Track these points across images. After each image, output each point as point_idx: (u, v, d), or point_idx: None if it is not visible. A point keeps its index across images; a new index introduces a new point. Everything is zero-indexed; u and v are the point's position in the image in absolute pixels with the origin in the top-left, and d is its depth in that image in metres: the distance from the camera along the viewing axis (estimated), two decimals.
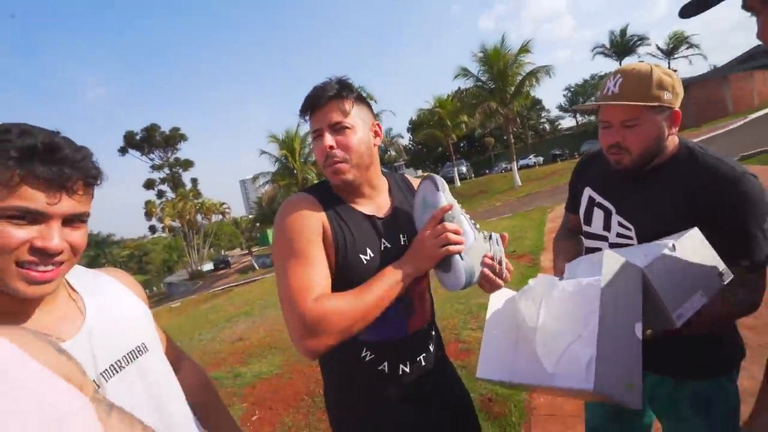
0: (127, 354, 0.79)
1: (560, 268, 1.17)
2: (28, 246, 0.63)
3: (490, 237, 1.01)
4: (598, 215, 1.17)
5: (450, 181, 25.84)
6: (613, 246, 1.11)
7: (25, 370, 0.37)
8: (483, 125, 23.39)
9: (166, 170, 40.15)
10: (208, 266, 36.66)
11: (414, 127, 37.69)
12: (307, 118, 1.00)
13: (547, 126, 52.91)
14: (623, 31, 33.63)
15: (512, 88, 19.88)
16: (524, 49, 19.42)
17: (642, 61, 1.14)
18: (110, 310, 0.81)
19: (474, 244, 0.96)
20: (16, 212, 0.61)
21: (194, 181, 40.88)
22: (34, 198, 0.62)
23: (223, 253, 46.17)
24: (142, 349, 0.82)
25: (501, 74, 19.55)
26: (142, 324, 0.86)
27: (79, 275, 0.83)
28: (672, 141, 1.05)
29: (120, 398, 0.75)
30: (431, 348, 1.07)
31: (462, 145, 43.84)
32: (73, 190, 0.67)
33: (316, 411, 2.86)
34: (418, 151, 44.55)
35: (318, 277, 0.88)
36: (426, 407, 1.03)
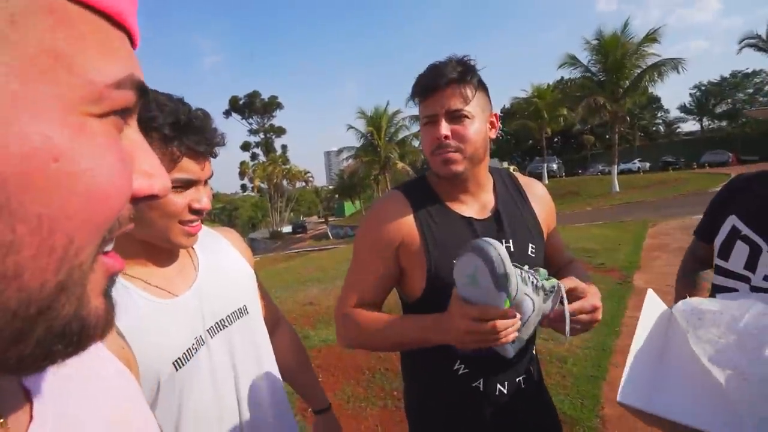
0: (231, 314, 0.83)
1: None
2: (188, 208, 0.73)
3: (554, 290, 0.79)
4: (740, 250, 1.00)
5: (538, 177, 24.22)
6: (755, 290, 0.95)
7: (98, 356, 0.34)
8: (584, 121, 21.34)
9: (261, 135, 43.53)
10: (287, 229, 39.40)
11: (506, 116, 35.79)
12: (418, 100, 0.91)
13: (661, 128, 46.42)
14: None
15: (627, 82, 17.65)
16: (650, 37, 16.98)
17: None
18: (219, 270, 0.86)
19: (531, 317, 0.75)
20: (179, 184, 0.71)
21: (284, 147, 43.79)
22: (191, 169, 0.72)
23: (301, 218, 49.19)
24: (243, 311, 0.86)
25: (616, 65, 17.40)
26: (245, 286, 0.90)
27: (207, 238, 0.89)
28: None
29: (224, 355, 0.80)
30: (532, 370, 0.98)
31: (556, 140, 40.69)
32: (211, 157, 0.77)
33: (375, 387, 2.94)
34: (506, 142, 42.39)
35: (368, 288, 0.94)
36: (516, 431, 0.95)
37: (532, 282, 0.75)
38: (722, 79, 39.38)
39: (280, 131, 43.82)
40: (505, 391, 0.93)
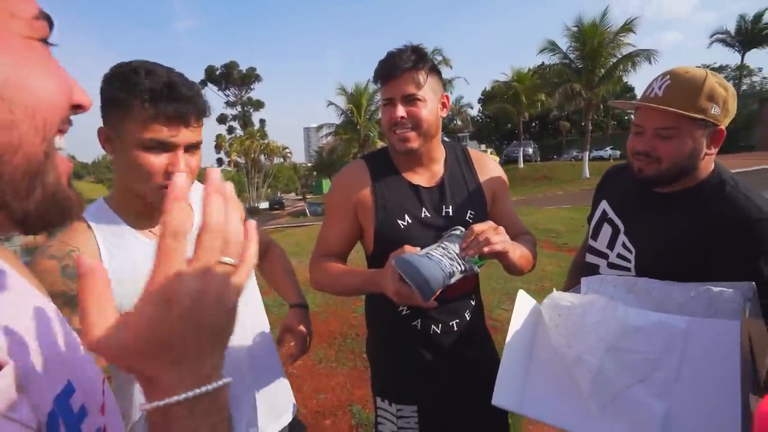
0: None
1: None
2: (164, 171, 0.79)
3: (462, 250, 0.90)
4: (606, 231, 1.11)
5: (514, 161, 24.72)
6: (611, 266, 1.06)
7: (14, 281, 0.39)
8: (561, 107, 21.77)
9: (239, 108, 42.14)
10: (264, 205, 38.76)
11: (486, 98, 35.94)
12: (379, 84, 1.04)
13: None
14: (758, 16, 28.59)
15: (602, 71, 18.08)
16: (627, 27, 17.35)
17: (703, 66, 1.01)
18: None
19: (453, 279, 0.89)
20: (153, 144, 0.76)
21: (262, 122, 42.68)
22: (163, 132, 0.76)
23: (278, 194, 48.54)
24: None
25: (593, 53, 17.76)
26: None
27: (195, 191, 1.00)
28: (707, 164, 0.95)
29: None
30: (467, 316, 1.12)
31: (533, 125, 41.34)
32: (189, 123, 0.79)
33: (345, 350, 3.15)
34: (485, 125, 42.74)
35: (333, 238, 1.13)
36: (452, 365, 1.11)
37: (456, 254, 0.88)
38: None
39: (259, 105, 42.52)
40: (438, 331, 1.09)
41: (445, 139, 1.17)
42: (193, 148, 0.83)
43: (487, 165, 1.18)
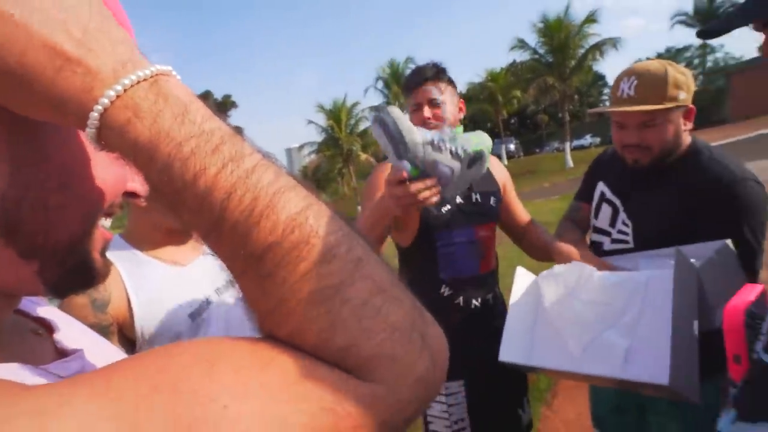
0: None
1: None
2: None
3: (481, 156, 0.84)
4: (606, 211, 1.21)
5: (498, 158, 24.73)
6: (614, 242, 1.17)
7: None
8: (537, 102, 22.23)
9: None
10: None
11: (462, 101, 36.33)
12: (410, 93, 1.26)
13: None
14: None
15: (573, 62, 18.59)
16: (590, 19, 17.94)
17: (650, 59, 1.16)
18: None
19: (453, 180, 0.83)
20: None
21: None
22: None
23: None
24: None
25: (561, 47, 18.28)
26: None
27: None
28: (685, 139, 1.08)
29: (230, 310, 0.97)
30: (496, 290, 1.30)
31: (512, 122, 41.96)
32: None
33: None
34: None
35: None
36: (486, 335, 1.20)
37: (450, 150, 0.80)
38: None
39: (237, 131, 42.41)
40: (479, 305, 1.24)
41: None
42: None
43: (492, 160, 1.36)
